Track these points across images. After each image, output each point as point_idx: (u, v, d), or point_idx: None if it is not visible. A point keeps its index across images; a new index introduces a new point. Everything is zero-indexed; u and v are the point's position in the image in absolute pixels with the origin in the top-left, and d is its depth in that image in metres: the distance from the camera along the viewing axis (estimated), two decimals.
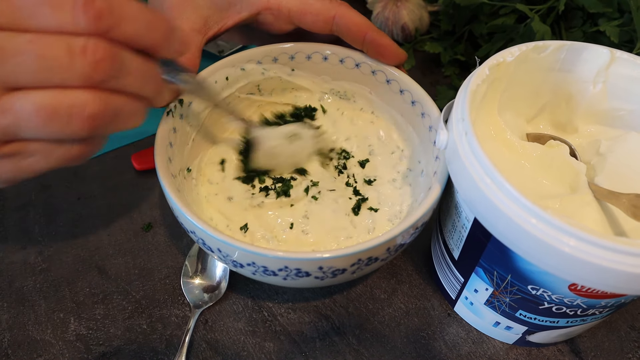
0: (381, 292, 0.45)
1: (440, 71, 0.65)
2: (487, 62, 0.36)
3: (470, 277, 0.38)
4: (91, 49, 0.24)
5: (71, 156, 0.28)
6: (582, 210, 0.34)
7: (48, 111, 0.25)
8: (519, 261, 0.32)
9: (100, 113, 0.26)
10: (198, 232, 0.35)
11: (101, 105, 0.26)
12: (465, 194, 0.33)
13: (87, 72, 0.25)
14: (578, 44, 0.38)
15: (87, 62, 0.25)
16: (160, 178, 0.36)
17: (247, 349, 0.41)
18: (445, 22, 0.64)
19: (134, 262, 0.46)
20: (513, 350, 0.42)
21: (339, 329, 0.43)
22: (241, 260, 0.34)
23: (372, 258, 0.35)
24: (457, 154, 0.33)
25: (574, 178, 0.36)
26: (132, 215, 0.50)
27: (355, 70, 0.46)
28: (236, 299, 0.44)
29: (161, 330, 0.42)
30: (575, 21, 0.56)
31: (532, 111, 0.42)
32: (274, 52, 0.46)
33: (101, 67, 0.25)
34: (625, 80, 0.38)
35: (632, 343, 0.42)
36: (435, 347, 0.42)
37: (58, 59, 0.24)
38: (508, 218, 0.29)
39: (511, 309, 0.37)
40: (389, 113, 0.47)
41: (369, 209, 0.44)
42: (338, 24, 0.42)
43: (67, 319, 0.43)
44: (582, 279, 0.29)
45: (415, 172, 0.45)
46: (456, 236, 0.38)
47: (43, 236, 0.48)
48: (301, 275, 0.34)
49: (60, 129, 0.25)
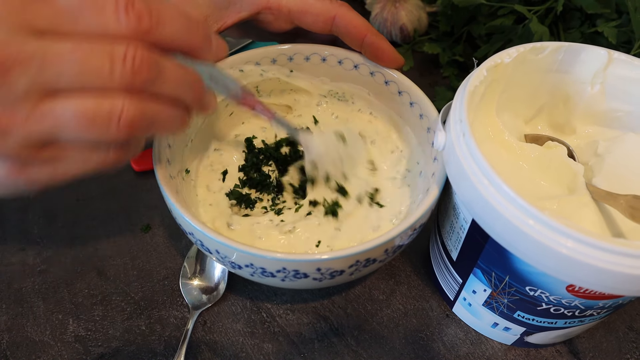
0: (380, 293, 0.45)
1: (438, 72, 0.65)
2: (484, 63, 0.36)
3: (469, 278, 0.38)
4: (131, 54, 0.25)
5: (108, 161, 0.29)
6: (580, 212, 0.34)
7: (88, 116, 0.25)
8: (517, 262, 0.32)
9: (137, 118, 0.26)
10: (196, 233, 0.35)
11: (138, 110, 0.26)
12: (463, 196, 0.33)
13: (127, 78, 0.25)
14: (576, 45, 0.38)
15: (127, 68, 0.25)
16: (159, 179, 0.36)
17: (246, 350, 0.41)
18: (443, 23, 0.64)
19: (132, 264, 0.46)
20: (511, 351, 0.42)
21: (337, 330, 0.43)
22: (239, 262, 0.35)
23: (370, 259, 0.35)
24: (454, 155, 0.33)
25: (571, 179, 0.36)
26: (131, 217, 0.50)
27: (353, 72, 0.46)
28: (235, 300, 0.44)
29: (160, 331, 0.42)
30: (573, 22, 0.56)
31: (530, 112, 0.42)
32: (273, 53, 0.46)
33: (140, 73, 0.25)
34: (623, 82, 0.38)
35: (630, 344, 0.42)
36: (434, 348, 0.42)
37: (99, 66, 0.25)
38: (505, 219, 0.29)
39: (509, 310, 0.37)
40: (388, 114, 0.47)
41: (376, 203, 0.44)
42: (338, 25, 0.43)
43: (66, 320, 0.43)
44: (580, 280, 0.29)
45: (413, 173, 0.45)
46: (454, 237, 0.38)
47: (42, 237, 0.48)
48: (299, 277, 0.34)
49: (99, 133, 0.26)
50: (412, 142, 0.45)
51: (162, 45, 0.27)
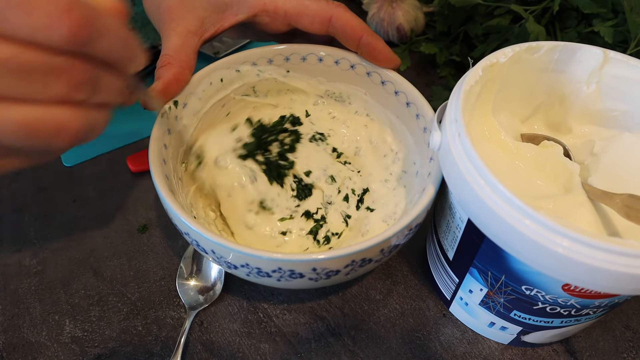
0: (376, 293, 0.45)
1: (435, 72, 0.65)
2: (480, 63, 0.36)
3: (465, 278, 0.38)
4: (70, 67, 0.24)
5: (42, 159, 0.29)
6: (576, 211, 0.34)
7: (30, 128, 0.24)
8: (513, 262, 0.32)
9: (82, 129, 0.26)
10: (192, 233, 0.35)
11: (83, 122, 0.26)
12: (458, 195, 0.33)
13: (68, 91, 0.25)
14: (571, 44, 0.38)
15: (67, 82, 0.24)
16: (154, 180, 0.36)
17: (243, 350, 0.41)
18: (440, 23, 0.64)
19: (129, 264, 0.46)
20: (508, 351, 0.42)
21: (334, 330, 0.43)
22: (235, 262, 0.34)
23: (366, 259, 0.35)
24: (450, 155, 0.33)
25: (567, 178, 0.36)
26: (128, 217, 0.50)
27: (350, 72, 0.46)
28: (231, 300, 0.44)
29: (156, 331, 0.42)
30: (569, 22, 0.56)
31: (526, 112, 0.42)
32: (269, 53, 0.46)
33: (81, 87, 0.25)
34: (619, 81, 0.38)
35: (627, 343, 0.42)
36: (431, 347, 0.42)
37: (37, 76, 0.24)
38: (501, 219, 0.29)
39: (506, 310, 0.37)
40: (384, 114, 0.47)
41: (366, 209, 0.44)
42: (334, 26, 0.43)
43: (62, 321, 0.43)
44: (576, 279, 0.29)
45: (410, 173, 0.45)
46: (450, 237, 0.38)
47: (38, 238, 0.48)
48: (295, 277, 0.34)
49: (41, 144, 0.25)
50: (409, 142, 0.45)
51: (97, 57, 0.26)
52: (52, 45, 0.23)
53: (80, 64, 0.25)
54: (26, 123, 0.24)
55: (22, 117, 0.24)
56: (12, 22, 0.22)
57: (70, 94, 0.25)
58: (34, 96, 0.24)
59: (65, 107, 0.25)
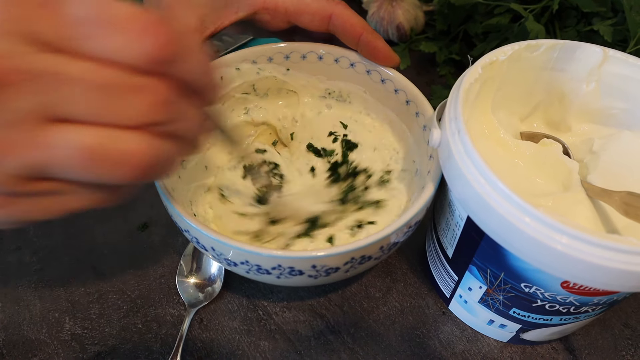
0: (376, 291, 0.45)
1: (435, 71, 0.65)
2: (479, 61, 0.36)
3: (464, 276, 0.38)
4: (153, 87, 0.22)
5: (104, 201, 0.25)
6: (575, 208, 0.34)
7: (93, 153, 0.21)
8: (512, 259, 0.32)
9: (151, 161, 0.23)
10: (192, 230, 0.35)
11: (152, 152, 0.23)
12: (458, 193, 0.33)
13: (146, 113, 0.22)
14: (570, 42, 0.38)
15: (147, 103, 0.22)
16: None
17: (242, 348, 0.41)
18: (440, 21, 0.64)
19: (129, 262, 0.46)
20: (507, 348, 0.42)
21: (333, 327, 0.43)
22: (235, 259, 0.35)
23: (366, 257, 0.35)
24: (450, 152, 0.33)
25: (566, 176, 0.36)
26: (128, 215, 0.50)
27: (350, 70, 0.46)
28: (231, 297, 0.44)
29: (156, 329, 0.42)
30: (569, 20, 0.56)
31: (525, 110, 0.42)
32: (269, 51, 0.46)
33: (161, 109, 0.22)
34: (618, 79, 0.38)
35: (626, 340, 0.42)
36: (430, 345, 0.42)
37: (116, 95, 0.21)
38: (501, 216, 0.29)
39: (505, 307, 0.37)
40: (384, 112, 0.47)
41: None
42: (334, 24, 0.43)
43: (62, 319, 0.43)
44: (575, 276, 0.29)
45: (409, 171, 0.45)
46: (450, 234, 0.38)
47: (38, 236, 0.48)
48: (294, 274, 0.34)
49: (103, 174, 0.22)
50: (408, 140, 0.45)
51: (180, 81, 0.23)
52: (134, 62, 0.21)
53: (162, 83, 0.22)
54: (88, 147, 0.21)
55: (86, 141, 0.21)
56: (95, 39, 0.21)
57: (149, 115, 0.22)
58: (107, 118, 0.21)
59: (135, 132, 0.22)
